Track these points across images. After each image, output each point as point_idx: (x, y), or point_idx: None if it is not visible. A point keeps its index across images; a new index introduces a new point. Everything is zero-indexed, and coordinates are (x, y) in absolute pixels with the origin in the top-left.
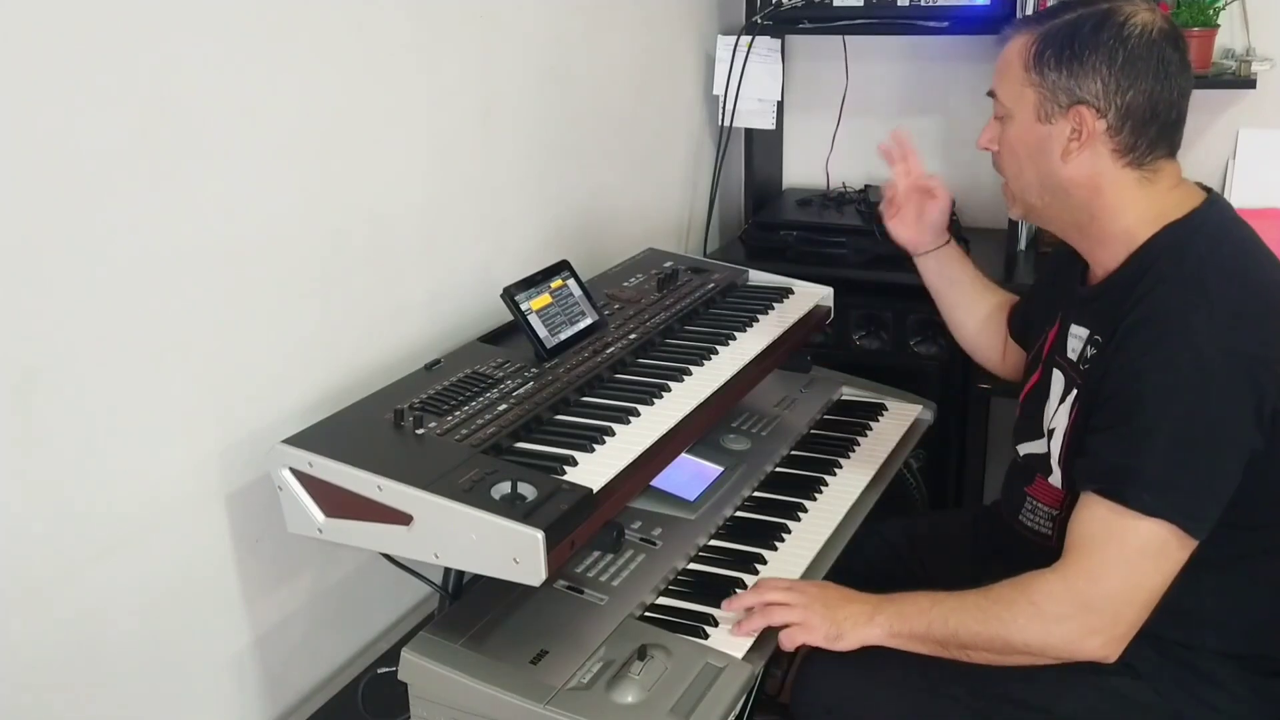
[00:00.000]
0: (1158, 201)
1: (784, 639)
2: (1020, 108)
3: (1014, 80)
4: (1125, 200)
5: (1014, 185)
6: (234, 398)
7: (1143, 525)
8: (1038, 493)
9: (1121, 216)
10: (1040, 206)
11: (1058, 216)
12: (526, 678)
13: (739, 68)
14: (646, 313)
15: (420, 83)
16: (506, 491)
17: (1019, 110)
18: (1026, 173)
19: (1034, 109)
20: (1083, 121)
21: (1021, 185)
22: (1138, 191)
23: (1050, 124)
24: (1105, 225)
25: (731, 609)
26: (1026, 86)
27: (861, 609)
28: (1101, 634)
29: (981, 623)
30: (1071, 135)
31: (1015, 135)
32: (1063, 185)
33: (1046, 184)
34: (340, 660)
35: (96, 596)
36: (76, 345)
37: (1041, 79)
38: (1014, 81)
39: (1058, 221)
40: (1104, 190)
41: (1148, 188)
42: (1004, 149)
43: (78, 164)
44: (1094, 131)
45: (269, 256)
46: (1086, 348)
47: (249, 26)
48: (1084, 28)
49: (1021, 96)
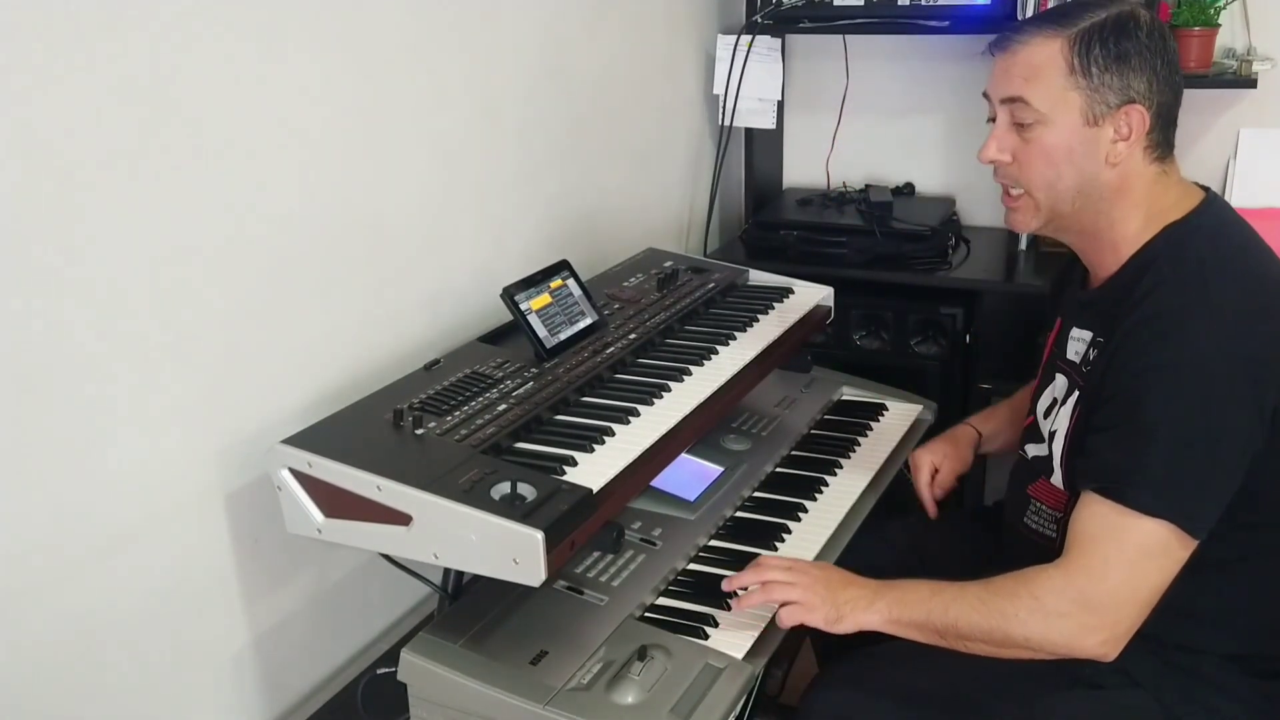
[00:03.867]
0: (1159, 201)
1: (783, 617)
2: (1062, 111)
3: (1052, 84)
4: (1143, 198)
5: (1043, 194)
6: (234, 398)
7: (1143, 525)
8: (1040, 494)
9: (1136, 216)
10: (1070, 213)
11: (1078, 222)
12: (526, 678)
13: (739, 67)
14: (646, 313)
15: (420, 83)
16: (506, 492)
17: (1060, 114)
18: (1065, 179)
19: (1080, 111)
20: (1133, 120)
21: (1055, 193)
22: (1155, 188)
23: (1098, 126)
24: (1120, 227)
25: (730, 587)
26: (1071, 90)
27: (862, 593)
28: (1101, 632)
29: (982, 614)
30: (1116, 135)
31: (1055, 140)
32: (1099, 188)
33: (1085, 188)
34: (340, 660)
35: (96, 596)
36: (76, 345)
37: (1089, 80)
38: (1052, 85)
39: (1076, 227)
40: (1132, 190)
41: (1163, 182)
42: (1032, 157)
43: (78, 164)
44: (1143, 130)
45: (269, 256)
46: (1089, 350)
47: (249, 26)
48: (1125, 26)
49: (1064, 100)
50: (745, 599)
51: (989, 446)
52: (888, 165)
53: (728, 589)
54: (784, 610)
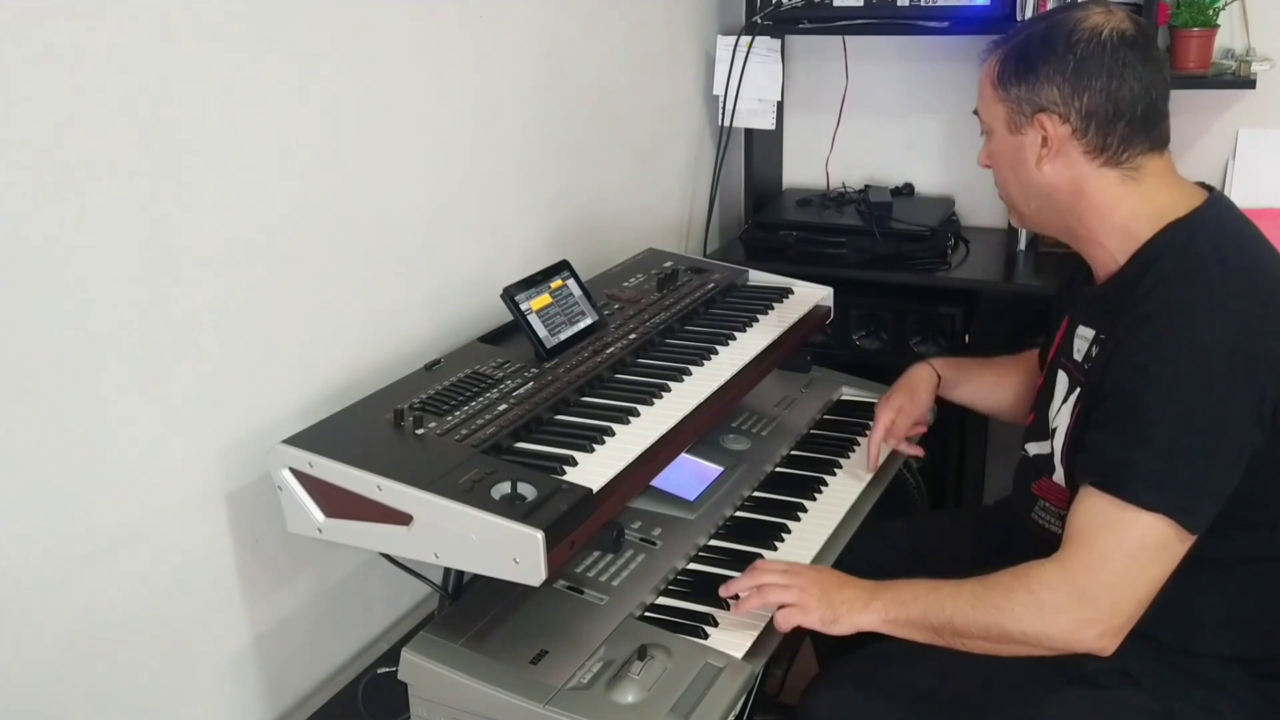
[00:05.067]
0: (1151, 199)
1: (780, 620)
2: (995, 123)
3: (987, 99)
4: (1110, 199)
5: (1003, 195)
6: (234, 398)
7: (1141, 519)
8: (1045, 493)
9: (1111, 215)
10: (1030, 213)
11: (1049, 221)
12: (526, 678)
13: (739, 68)
14: (646, 313)
15: (421, 83)
16: (506, 491)
17: (995, 125)
18: (1009, 183)
19: (1005, 122)
20: (1046, 128)
21: (1009, 194)
22: (1121, 189)
23: (1021, 134)
24: (1095, 226)
25: (727, 592)
26: (996, 103)
27: (858, 594)
28: (1098, 625)
29: (978, 610)
30: (1042, 143)
31: (996, 149)
32: (1044, 191)
33: (1029, 191)
34: (340, 660)
35: (96, 596)
36: (76, 345)
37: (1006, 94)
38: (987, 100)
39: (1052, 226)
40: (1087, 191)
41: (1132, 185)
42: (992, 163)
43: (78, 164)
44: (1060, 136)
45: (269, 256)
46: (1092, 348)
47: (249, 27)
48: (1035, 40)
49: (994, 112)
50: (742, 603)
51: (951, 392)
52: (887, 165)
53: (725, 594)
54: (781, 613)
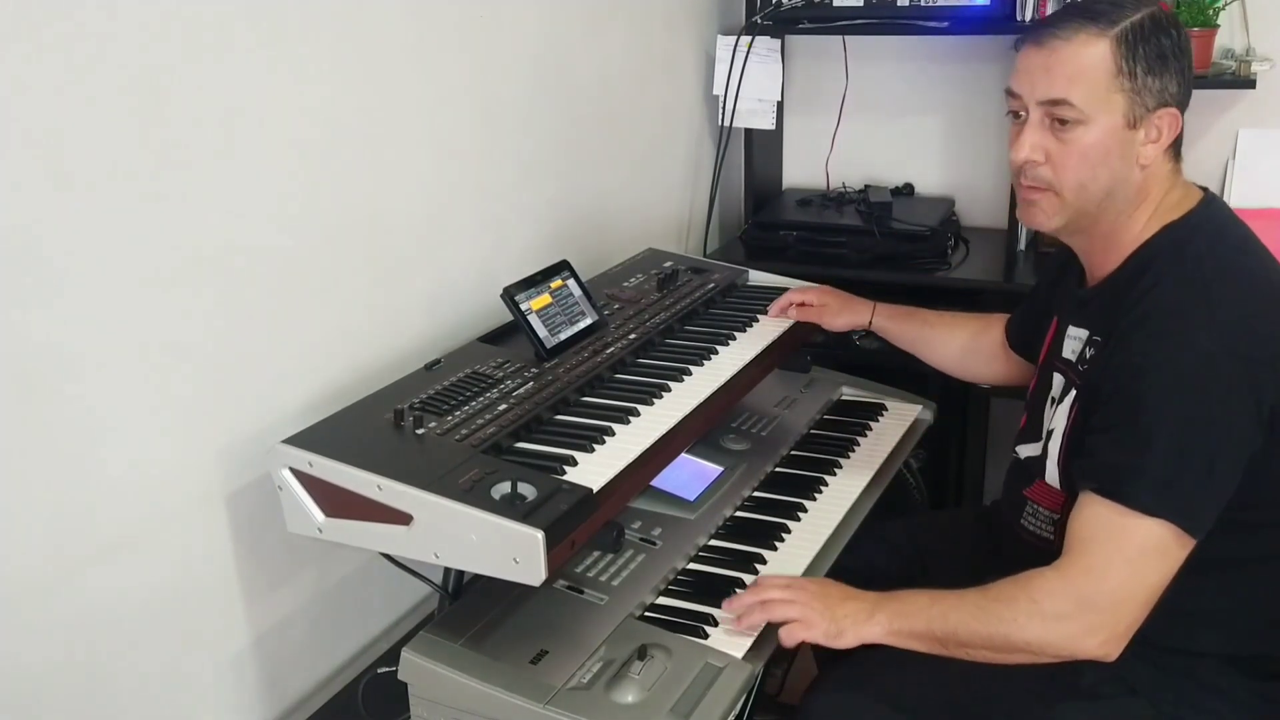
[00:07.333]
0: (1165, 200)
1: (784, 635)
2: (1105, 112)
3: (1098, 85)
4: (1155, 198)
5: (1072, 194)
6: (234, 397)
7: (1142, 524)
8: (1037, 496)
9: (1144, 215)
10: (1095, 213)
11: (1097, 223)
12: (526, 678)
13: (739, 68)
14: (646, 313)
15: (420, 83)
16: (506, 491)
17: (1103, 115)
18: (1099, 179)
19: (1123, 113)
20: (1165, 123)
21: (1085, 194)
22: (1165, 185)
23: (1137, 128)
24: (1131, 227)
25: (731, 609)
26: (1115, 92)
27: (861, 606)
28: (1101, 632)
29: (981, 620)
30: (1148, 138)
31: (1093, 142)
32: (1125, 188)
33: (1115, 189)
34: (340, 660)
35: (96, 597)
36: (76, 345)
37: (1133, 82)
38: (1098, 86)
39: (1092, 227)
40: (1150, 190)
41: (1173, 182)
42: (1068, 158)
43: (78, 164)
44: (1174, 133)
45: (269, 256)
46: (1085, 349)
47: (248, 27)
48: (1161, 25)
49: (1109, 101)
50: (746, 618)
51: (879, 324)
52: (887, 165)
53: (728, 611)
54: (785, 629)
